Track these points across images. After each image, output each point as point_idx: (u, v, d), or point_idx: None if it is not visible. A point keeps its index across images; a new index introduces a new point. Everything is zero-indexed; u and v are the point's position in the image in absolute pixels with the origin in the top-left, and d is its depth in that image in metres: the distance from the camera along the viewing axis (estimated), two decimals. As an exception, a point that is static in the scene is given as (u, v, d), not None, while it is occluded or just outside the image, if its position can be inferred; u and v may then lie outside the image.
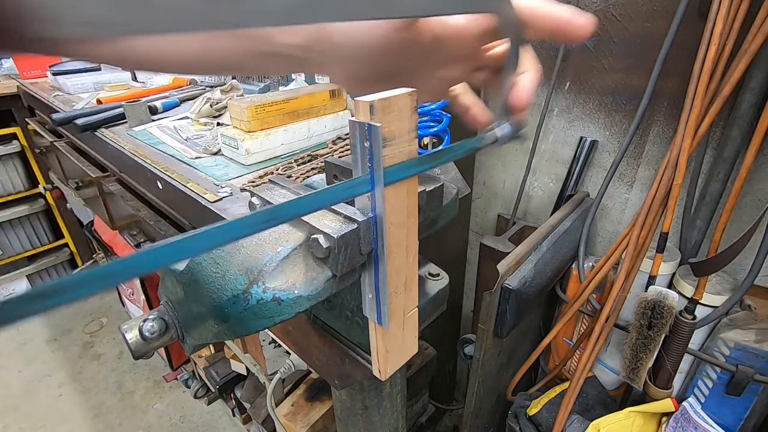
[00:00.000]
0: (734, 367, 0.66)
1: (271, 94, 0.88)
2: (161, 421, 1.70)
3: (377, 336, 0.33)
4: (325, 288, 0.30)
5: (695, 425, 0.71)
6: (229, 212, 0.64)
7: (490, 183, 1.11)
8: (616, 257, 0.75)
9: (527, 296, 0.71)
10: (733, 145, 0.67)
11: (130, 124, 1.04)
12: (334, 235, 0.27)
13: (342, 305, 0.42)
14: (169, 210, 0.86)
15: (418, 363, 1.06)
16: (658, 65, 0.68)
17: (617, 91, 0.81)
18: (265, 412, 1.20)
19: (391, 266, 0.30)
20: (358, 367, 0.43)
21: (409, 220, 0.30)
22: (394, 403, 0.61)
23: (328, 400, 1.07)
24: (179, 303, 0.33)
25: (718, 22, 0.58)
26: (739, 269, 0.75)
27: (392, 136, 0.26)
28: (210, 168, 0.81)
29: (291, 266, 0.29)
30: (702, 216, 0.74)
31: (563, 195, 0.94)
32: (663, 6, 0.71)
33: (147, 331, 0.32)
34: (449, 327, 1.31)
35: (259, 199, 0.35)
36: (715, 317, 0.69)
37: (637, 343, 0.71)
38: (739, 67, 0.59)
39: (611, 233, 0.93)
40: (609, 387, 0.88)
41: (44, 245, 2.26)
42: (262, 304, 0.28)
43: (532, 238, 0.77)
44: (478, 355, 0.75)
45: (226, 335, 0.30)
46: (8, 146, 1.96)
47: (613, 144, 0.85)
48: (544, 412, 0.81)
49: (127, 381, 1.88)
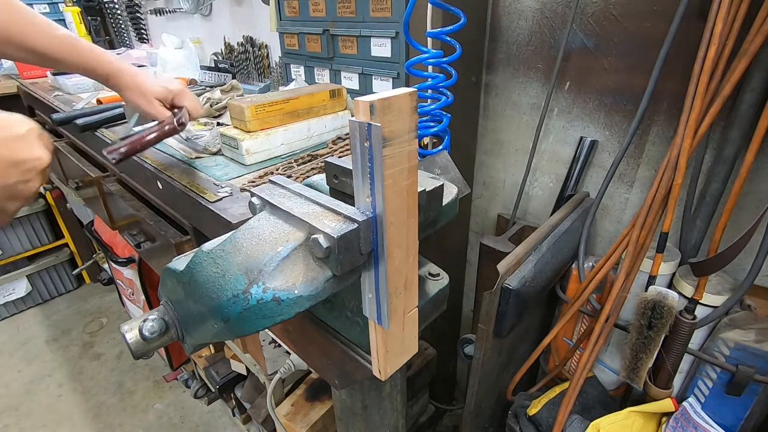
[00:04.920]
0: (734, 367, 0.66)
1: (271, 94, 0.88)
2: (161, 421, 1.70)
3: (377, 336, 0.33)
4: (325, 288, 0.30)
5: (695, 425, 0.71)
6: (229, 212, 0.64)
7: (490, 183, 1.10)
8: (616, 257, 0.75)
9: (527, 296, 0.71)
10: (733, 145, 0.67)
11: (130, 124, 1.04)
12: (334, 235, 0.27)
13: (342, 305, 0.42)
14: (169, 210, 0.86)
15: (418, 363, 1.06)
16: (658, 65, 0.68)
17: (617, 91, 0.81)
18: (265, 412, 1.20)
19: (391, 266, 0.30)
20: (358, 367, 0.43)
21: (409, 220, 0.30)
22: (394, 403, 0.61)
23: (328, 400, 1.07)
24: (179, 303, 0.33)
25: (718, 22, 0.58)
26: (739, 269, 0.75)
27: (392, 136, 0.26)
28: (210, 168, 0.81)
29: (291, 266, 0.29)
30: (702, 216, 0.74)
31: (563, 195, 0.94)
32: (663, 6, 0.71)
33: (147, 331, 0.32)
34: (449, 327, 1.31)
35: (259, 199, 0.35)
36: (715, 317, 0.69)
37: (637, 343, 0.71)
38: (739, 67, 0.59)
39: (611, 233, 0.93)
40: (609, 387, 0.88)
41: (44, 245, 2.26)
42: (262, 304, 0.28)
43: (532, 238, 0.77)
44: (478, 355, 0.75)
45: (226, 335, 0.30)
46: (8, 146, 1.96)
47: (613, 144, 0.85)
48: (544, 412, 0.81)
49: (127, 381, 1.88)
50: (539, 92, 0.93)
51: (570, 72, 0.86)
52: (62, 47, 0.74)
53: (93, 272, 2.47)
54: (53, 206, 2.18)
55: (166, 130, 0.76)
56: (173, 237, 0.82)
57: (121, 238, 1.34)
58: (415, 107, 0.27)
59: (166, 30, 1.92)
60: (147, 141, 0.73)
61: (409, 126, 0.27)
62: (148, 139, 0.73)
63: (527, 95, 0.95)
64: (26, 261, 2.24)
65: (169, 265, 0.34)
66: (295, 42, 1.15)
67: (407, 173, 0.28)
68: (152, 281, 1.58)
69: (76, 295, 2.44)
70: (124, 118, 1.05)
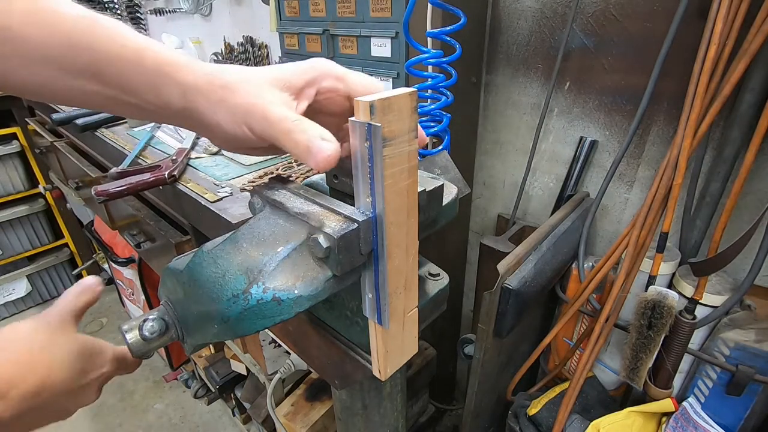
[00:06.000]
0: (734, 367, 0.66)
1: (271, 94, 0.87)
2: (161, 421, 1.70)
3: (377, 336, 0.33)
4: (325, 288, 0.30)
5: (695, 425, 0.71)
6: (229, 212, 0.64)
7: (490, 183, 1.10)
8: (616, 257, 0.75)
9: (527, 296, 0.71)
10: (733, 145, 0.67)
11: (130, 124, 1.04)
12: (335, 235, 0.27)
13: (342, 305, 0.42)
14: (169, 210, 0.86)
15: (418, 363, 1.06)
16: (658, 65, 0.68)
17: (617, 91, 0.81)
18: (265, 412, 1.20)
19: (391, 266, 0.30)
20: (358, 367, 0.43)
21: (409, 220, 0.30)
22: (394, 403, 0.61)
23: (328, 400, 1.07)
24: (179, 303, 0.33)
25: (718, 22, 0.58)
26: (739, 269, 0.75)
27: (392, 136, 0.26)
28: (210, 168, 0.81)
29: (291, 266, 0.29)
30: (702, 216, 0.74)
31: (563, 195, 0.94)
32: (663, 6, 0.71)
33: (147, 331, 0.32)
34: (449, 327, 1.31)
35: (259, 199, 0.35)
36: (715, 317, 0.69)
37: (637, 343, 0.71)
38: (739, 67, 0.59)
39: (611, 233, 0.93)
40: (609, 387, 0.88)
41: (44, 245, 2.26)
42: (262, 304, 0.28)
43: (532, 238, 0.77)
44: (478, 355, 0.75)
45: (226, 335, 0.30)
46: (8, 146, 1.96)
47: (613, 144, 0.85)
48: (544, 412, 0.81)
49: (127, 381, 1.88)
50: (539, 92, 0.93)
51: (570, 72, 0.86)
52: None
53: (93, 272, 2.47)
54: (53, 206, 2.18)
55: (156, 179, 0.73)
56: (173, 237, 0.82)
57: (121, 238, 1.34)
58: (415, 107, 0.27)
59: (166, 30, 1.92)
60: (137, 188, 0.72)
61: (409, 126, 0.27)
62: (139, 186, 0.72)
63: (527, 95, 0.95)
64: (26, 261, 2.24)
65: (169, 265, 0.34)
66: (295, 42, 1.15)
67: (407, 173, 0.28)
68: (152, 281, 1.58)
69: (76, 295, 2.44)
70: (124, 118, 1.05)
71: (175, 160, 0.79)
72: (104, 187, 0.68)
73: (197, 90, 0.32)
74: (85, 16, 0.31)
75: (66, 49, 0.30)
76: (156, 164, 0.78)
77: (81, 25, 0.30)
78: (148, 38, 0.33)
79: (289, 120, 0.30)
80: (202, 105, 0.32)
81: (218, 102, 0.32)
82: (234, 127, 0.32)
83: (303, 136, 0.29)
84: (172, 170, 0.75)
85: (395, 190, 0.28)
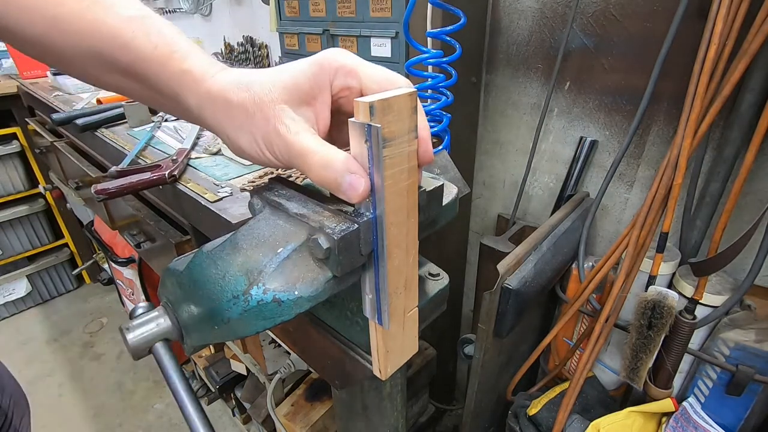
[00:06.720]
0: (734, 367, 0.66)
1: (271, 94, 0.87)
2: (161, 421, 1.70)
3: (377, 336, 0.33)
4: (326, 289, 0.30)
5: (695, 425, 0.71)
6: (229, 212, 0.64)
7: (490, 183, 1.10)
8: (616, 257, 0.75)
9: (527, 296, 0.71)
10: (733, 145, 0.67)
11: (130, 124, 1.04)
12: (335, 236, 0.27)
13: (342, 305, 0.42)
14: (169, 210, 0.86)
15: (418, 363, 1.06)
16: (658, 65, 0.68)
17: (617, 91, 0.81)
18: (265, 412, 1.20)
19: (391, 266, 0.30)
20: (358, 367, 0.43)
21: (409, 220, 0.30)
22: (394, 403, 0.61)
23: (328, 400, 1.07)
24: (179, 304, 0.33)
25: (718, 22, 0.58)
26: (739, 269, 0.75)
27: (392, 136, 0.26)
28: (210, 168, 0.81)
29: (291, 267, 0.29)
30: (702, 216, 0.74)
31: (563, 195, 0.94)
32: (663, 6, 0.71)
33: (141, 309, 0.32)
34: (449, 327, 1.31)
35: (258, 199, 0.35)
36: (715, 317, 0.69)
37: (637, 343, 0.71)
38: (739, 67, 0.59)
39: (611, 233, 0.93)
40: (609, 387, 0.88)
41: (44, 245, 2.25)
42: (263, 305, 0.28)
43: (532, 238, 0.77)
44: (478, 355, 0.75)
45: (226, 336, 0.30)
46: (8, 146, 1.96)
47: (613, 144, 0.85)
48: (544, 412, 0.81)
49: (127, 381, 1.88)
50: (539, 92, 0.93)
51: (570, 72, 0.86)
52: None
53: (93, 272, 2.47)
54: (53, 206, 2.18)
55: (156, 178, 0.72)
56: (173, 237, 0.82)
57: (121, 238, 1.34)
58: (415, 107, 0.27)
59: (165, 30, 1.92)
60: (137, 187, 0.71)
61: (409, 126, 0.27)
62: (139, 185, 0.71)
63: (527, 95, 0.95)
64: (26, 261, 2.24)
65: (169, 266, 0.34)
66: (295, 42, 1.15)
67: (407, 174, 0.28)
68: (152, 281, 1.58)
69: (76, 295, 2.44)
70: (124, 118, 1.05)
71: (176, 160, 0.79)
72: (104, 186, 0.68)
73: (213, 106, 0.32)
74: (133, 17, 0.33)
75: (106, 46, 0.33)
76: (156, 164, 0.78)
77: (134, 24, 0.33)
78: (181, 39, 0.34)
79: (311, 153, 0.29)
80: (221, 122, 0.32)
81: (238, 128, 0.31)
82: (258, 152, 0.32)
83: (330, 173, 0.27)
84: (172, 170, 0.75)
85: (395, 190, 0.28)
